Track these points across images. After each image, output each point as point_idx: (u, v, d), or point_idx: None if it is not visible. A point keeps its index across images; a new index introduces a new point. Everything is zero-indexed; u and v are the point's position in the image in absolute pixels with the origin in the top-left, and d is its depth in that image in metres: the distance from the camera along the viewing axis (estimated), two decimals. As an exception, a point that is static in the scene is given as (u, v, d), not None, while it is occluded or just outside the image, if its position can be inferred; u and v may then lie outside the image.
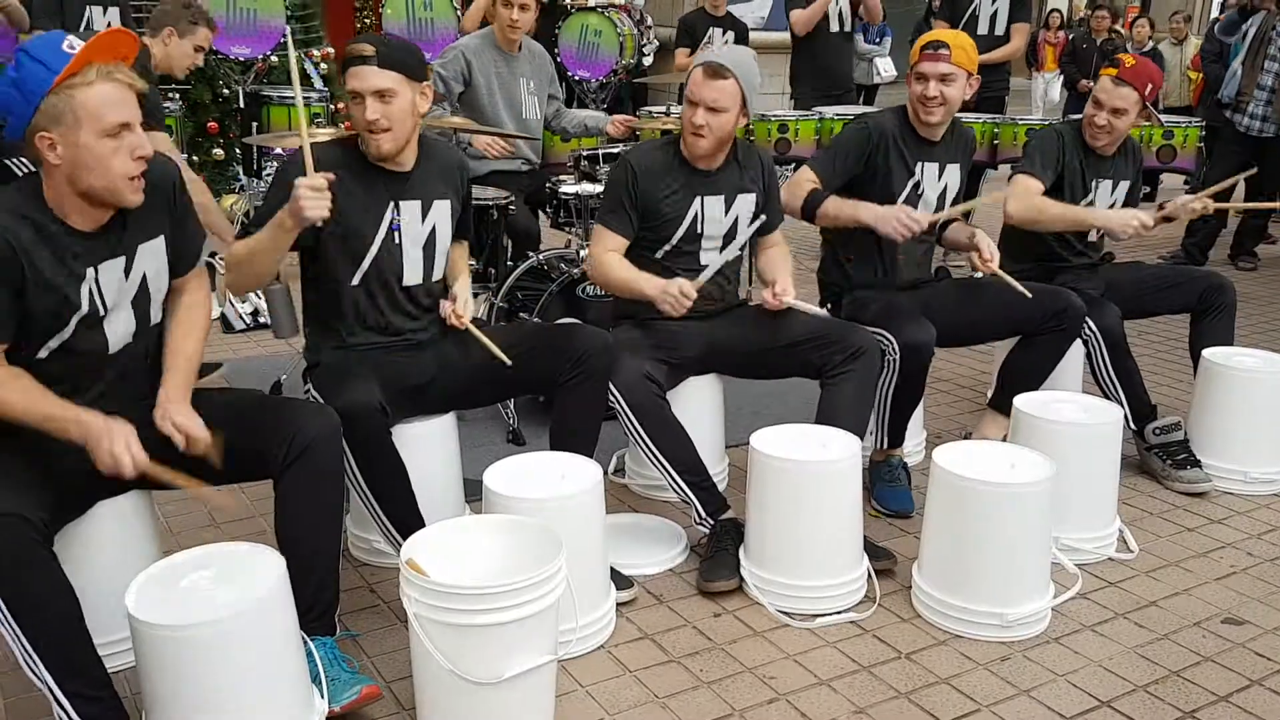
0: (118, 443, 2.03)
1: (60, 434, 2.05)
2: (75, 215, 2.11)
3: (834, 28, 6.37)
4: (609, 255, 2.99)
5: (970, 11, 6.00)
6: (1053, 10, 14.16)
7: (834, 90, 6.43)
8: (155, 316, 2.30)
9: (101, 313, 2.16)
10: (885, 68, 11.80)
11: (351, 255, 2.64)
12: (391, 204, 2.65)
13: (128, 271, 2.20)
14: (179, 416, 2.16)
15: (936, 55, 3.13)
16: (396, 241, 2.67)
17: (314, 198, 2.32)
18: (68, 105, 1.99)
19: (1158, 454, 3.42)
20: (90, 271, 2.12)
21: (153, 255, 2.25)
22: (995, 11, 6.01)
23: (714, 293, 3.10)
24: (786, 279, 3.02)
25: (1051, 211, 3.43)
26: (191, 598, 2.00)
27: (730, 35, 6.79)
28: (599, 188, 4.03)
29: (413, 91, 2.56)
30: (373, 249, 2.64)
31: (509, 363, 2.63)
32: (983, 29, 5.94)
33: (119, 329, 2.22)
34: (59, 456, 2.12)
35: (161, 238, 2.26)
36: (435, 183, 2.73)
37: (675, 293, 2.81)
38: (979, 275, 3.29)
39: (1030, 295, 3.13)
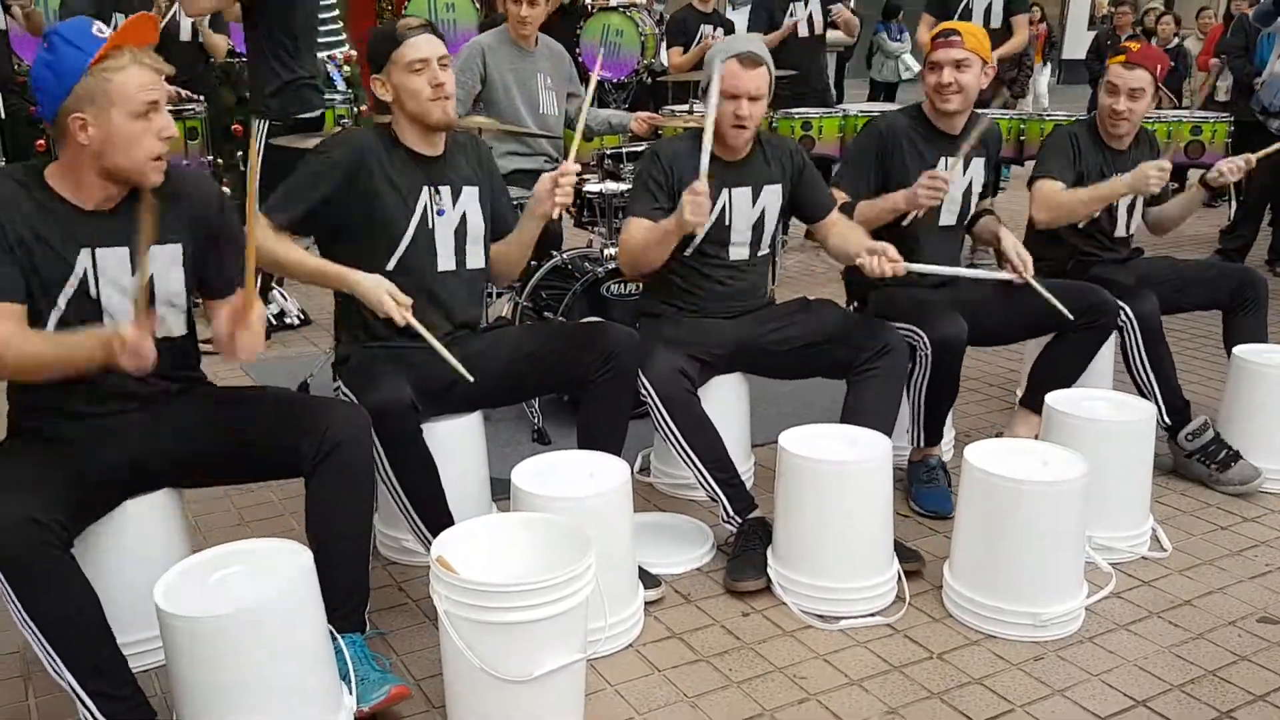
0: (129, 346, 1.96)
1: (93, 361, 2.00)
2: (79, 193, 2.12)
3: (803, 32, 6.34)
4: (632, 230, 2.96)
5: (963, 6, 5.93)
6: (1033, 3, 14.19)
7: (804, 90, 6.38)
8: (172, 329, 2.29)
9: (93, 293, 2.15)
10: (913, 63, 11.79)
11: (386, 241, 2.66)
12: (426, 188, 2.68)
13: (134, 267, 2.19)
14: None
15: (949, 42, 3.12)
16: (430, 226, 2.69)
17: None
18: (101, 87, 2.03)
19: (1199, 459, 3.37)
20: (86, 252, 2.13)
21: (164, 259, 2.24)
22: (989, 5, 5.94)
23: (743, 291, 3.10)
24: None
25: (1076, 201, 3.42)
26: (220, 591, 2.01)
27: (720, 32, 6.75)
28: (623, 186, 4.03)
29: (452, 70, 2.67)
30: (407, 234, 2.66)
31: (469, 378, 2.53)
32: (978, 23, 5.87)
33: (120, 323, 2.18)
34: (83, 457, 2.13)
35: (179, 246, 2.26)
36: (464, 168, 2.77)
37: (688, 198, 2.71)
38: (1012, 278, 3.26)
39: (1070, 316, 3.10)
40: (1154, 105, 3.53)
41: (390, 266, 2.67)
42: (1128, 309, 3.34)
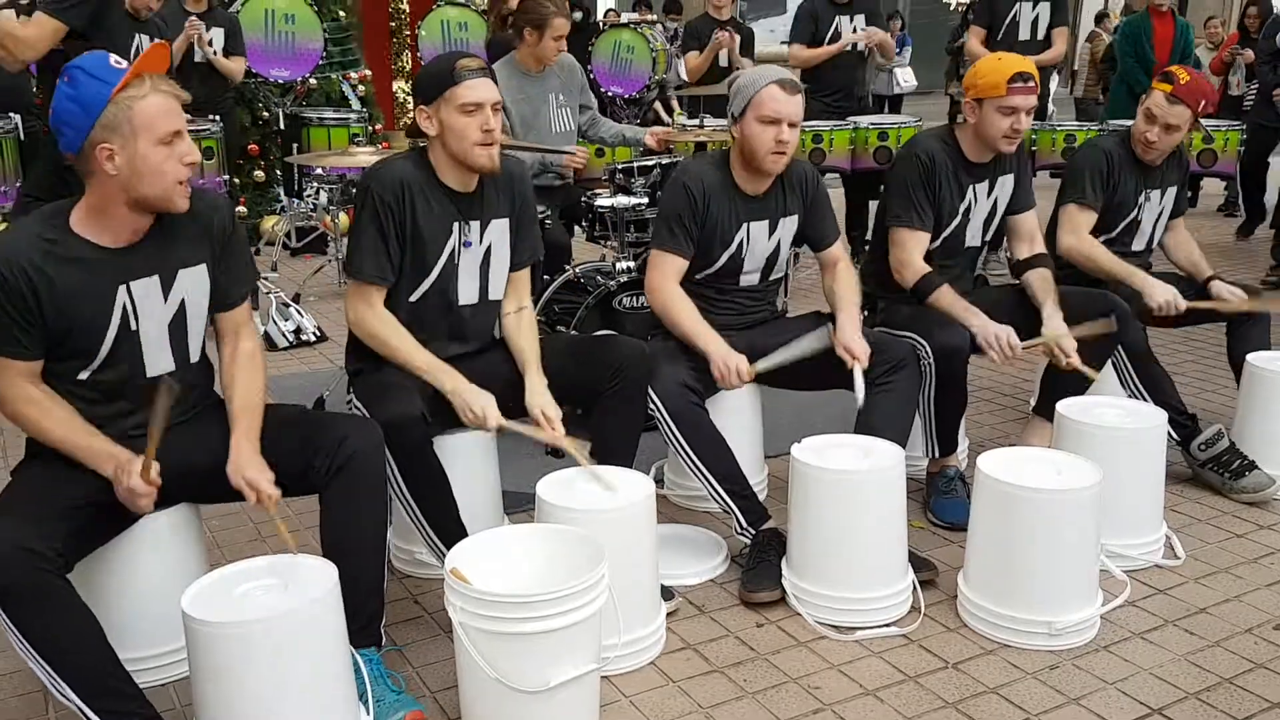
0: (135, 480, 2.07)
1: (94, 467, 2.11)
2: (106, 232, 2.15)
3: (846, 46, 6.33)
4: (674, 289, 2.99)
5: (1010, 18, 5.95)
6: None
7: (842, 104, 6.38)
8: (194, 351, 2.33)
9: (134, 326, 2.20)
10: (905, 78, 11.84)
11: (414, 273, 2.67)
12: (456, 223, 2.69)
13: (166, 293, 2.24)
14: (250, 472, 2.19)
15: (1029, 89, 3.07)
16: (455, 261, 2.71)
17: (484, 429, 2.58)
18: (125, 116, 2.06)
19: (1212, 469, 3.36)
20: (123, 289, 2.17)
21: (194, 282, 2.29)
22: (1036, 17, 5.97)
23: (754, 309, 3.11)
24: (849, 320, 2.99)
25: (1101, 262, 3.47)
26: (246, 602, 2.03)
27: (738, 37, 6.79)
28: (634, 200, 4.05)
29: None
30: (435, 269, 2.68)
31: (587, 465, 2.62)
32: (1024, 35, 5.89)
33: (155, 352, 2.26)
34: (100, 476, 2.14)
35: (204, 266, 2.31)
36: (497, 200, 2.77)
37: (733, 369, 2.83)
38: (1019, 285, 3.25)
39: (1095, 377, 3.08)
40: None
41: (414, 298, 2.69)
42: None
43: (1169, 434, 3.38)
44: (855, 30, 6.25)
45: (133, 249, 2.19)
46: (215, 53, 6.11)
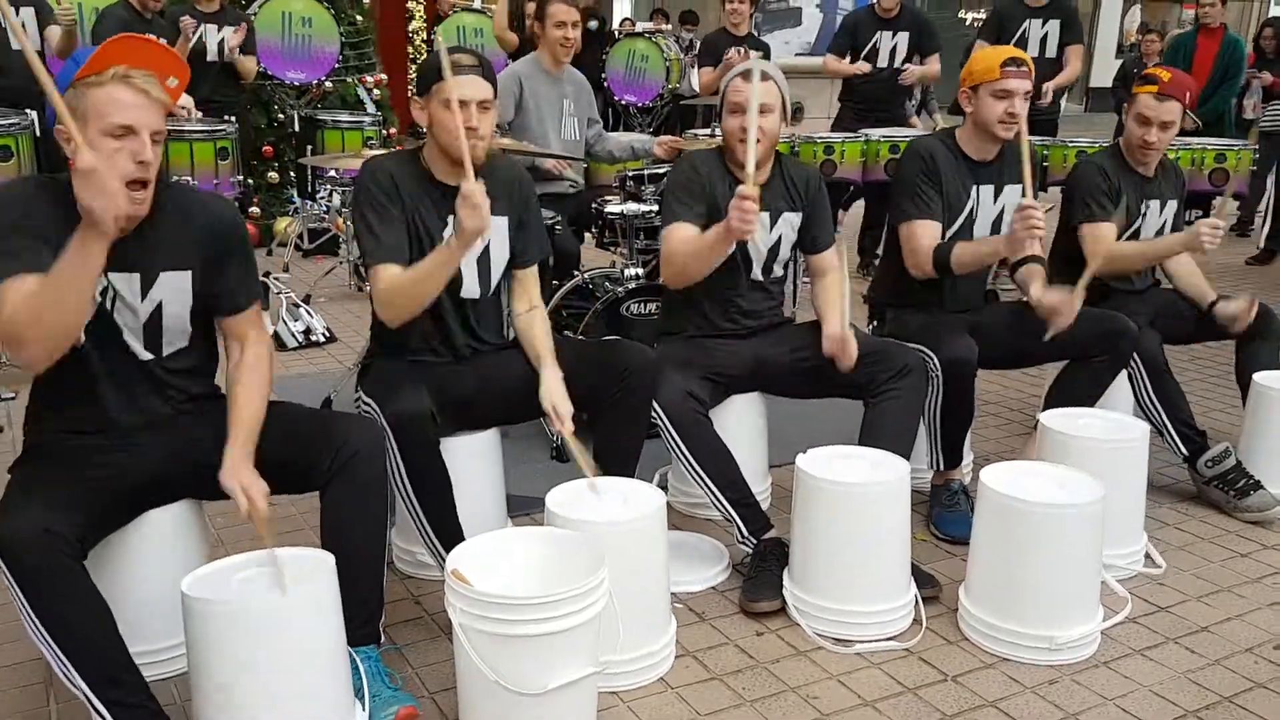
0: (110, 185, 1.87)
1: (86, 254, 1.89)
2: None
3: (883, 62, 6.32)
4: (677, 238, 2.92)
5: (1019, 34, 5.95)
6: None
7: (867, 115, 6.38)
8: (166, 351, 2.28)
9: (109, 310, 2.17)
10: (917, 92, 11.84)
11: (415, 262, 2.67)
12: (451, 218, 2.69)
13: (144, 292, 2.20)
14: (245, 478, 2.15)
15: (1021, 72, 3.11)
16: None
17: (476, 213, 2.37)
18: (79, 101, 2.02)
19: (1217, 486, 3.36)
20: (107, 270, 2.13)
21: (174, 286, 2.24)
22: (1046, 34, 5.97)
23: (760, 311, 3.12)
24: (836, 318, 2.96)
25: (1136, 255, 3.47)
26: (244, 587, 2.05)
27: (754, 55, 6.81)
28: (644, 207, 4.06)
29: (495, 109, 2.68)
30: None
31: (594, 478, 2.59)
32: (1033, 51, 5.88)
33: (135, 343, 2.24)
34: (101, 469, 2.16)
35: (189, 273, 2.25)
36: (492, 199, 2.76)
37: (735, 206, 2.62)
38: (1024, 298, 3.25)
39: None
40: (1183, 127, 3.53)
41: None
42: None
43: (1177, 452, 3.39)
44: (895, 48, 6.28)
45: (119, 239, 2.09)
46: (223, 50, 6.17)
